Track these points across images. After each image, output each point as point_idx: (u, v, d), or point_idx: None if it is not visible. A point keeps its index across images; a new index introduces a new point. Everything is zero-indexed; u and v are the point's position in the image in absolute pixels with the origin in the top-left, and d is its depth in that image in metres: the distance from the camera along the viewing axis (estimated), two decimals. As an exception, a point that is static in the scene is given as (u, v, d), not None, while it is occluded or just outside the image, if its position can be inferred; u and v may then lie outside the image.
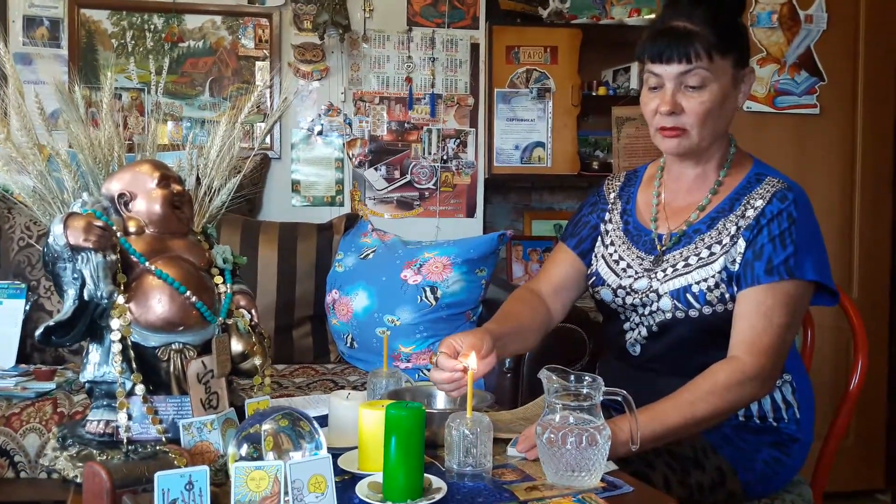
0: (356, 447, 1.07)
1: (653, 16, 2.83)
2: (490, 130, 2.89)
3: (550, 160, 2.92)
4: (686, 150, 1.30)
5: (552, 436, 0.99)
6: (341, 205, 2.81)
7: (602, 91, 2.97)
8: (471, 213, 2.90)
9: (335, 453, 1.03)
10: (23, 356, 2.14)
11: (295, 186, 2.79)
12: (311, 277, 2.39)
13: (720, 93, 1.25)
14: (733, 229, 1.27)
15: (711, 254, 1.28)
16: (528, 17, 2.92)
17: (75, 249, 0.99)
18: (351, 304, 2.25)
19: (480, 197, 2.91)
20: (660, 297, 1.29)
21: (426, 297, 2.17)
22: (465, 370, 1.14)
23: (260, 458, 0.89)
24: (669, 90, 1.26)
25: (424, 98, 2.84)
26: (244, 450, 0.91)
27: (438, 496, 0.94)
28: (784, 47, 2.62)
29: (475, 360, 1.13)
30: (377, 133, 2.83)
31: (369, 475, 1.00)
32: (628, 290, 1.34)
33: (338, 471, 1.01)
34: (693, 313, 1.27)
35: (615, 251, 1.40)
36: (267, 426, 0.90)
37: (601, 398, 1.02)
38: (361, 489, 0.96)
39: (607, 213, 1.46)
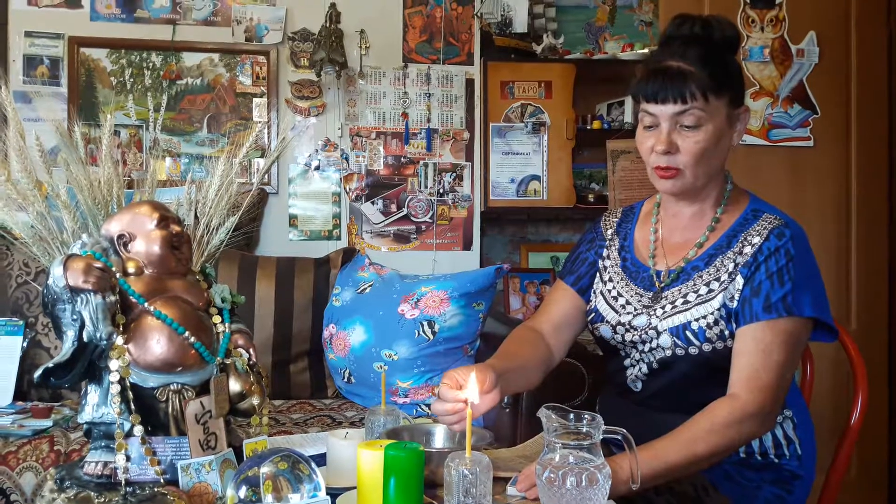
0: (355, 487, 1.06)
1: (646, 50, 2.87)
2: (486, 164, 2.92)
3: (546, 193, 2.94)
4: (681, 189, 1.31)
5: (552, 475, 0.98)
6: (338, 238, 2.82)
7: (597, 125, 3.00)
8: (467, 245, 2.91)
9: (334, 493, 1.02)
10: (20, 393, 2.12)
11: (292, 221, 2.80)
12: (309, 312, 2.38)
13: (715, 132, 1.26)
14: (731, 266, 1.28)
15: (710, 290, 1.28)
16: (522, 52, 2.96)
17: (75, 291, 0.99)
18: (348, 339, 2.24)
19: (477, 230, 2.92)
20: (659, 333, 1.29)
21: (424, 332, 2.17)
22: (466, 402, 1.13)
23: (259, 500, 0.88)
24: (665, 130, 1.26)
25: (420, 133, 2.87)
26: (243, 492, 0.91)
27: (438, 538, 0.93)
28: (777, 81, 2.66)
29: (475, 391, 1.11)
30: (374, 167, 2.85)
31: (368, 516, 0.99)
32: (627, 326, 1.34)
33: (336, 512, 1.00)
34: (693, 350, 1.27)
35: (613, 287, 1.40)
36: (266, 469, 0.89)
37: (601, 436, 1.02)
38: (360, 531, 0.95)
39: (605, 250, 1.47)
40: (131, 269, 1.09)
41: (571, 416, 1.02)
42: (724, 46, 1.29)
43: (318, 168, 2.81)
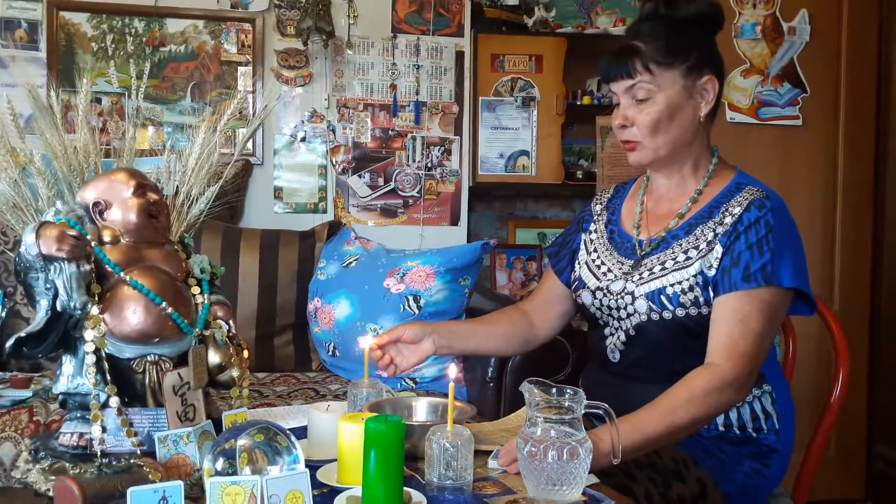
0: (335, 460, 1.06)
1: (637, 26, 2.84)
2: (475, 138, 2.89)
3: (535, 169, 2.92)
4: (645, 160, 1.35)
5: (533, 449, 0.98)
6: (324, 212, 2.80)
7: (587, 100, 2.97)
8: (455, 221, 2.89)
9: (314, 465, 1.01)
10: (-2, 363, 2.10)
11: (277, 193, 2.77)
12: (293, 285, 2.36)
13: (668, 103, 1.30)
14: (710, 235, 1.29)
15: (688, 258, 1.29)
16: (513, 25, 2.92)
17: (48, 259, 0.96)
18: (333, 313, 2.23)
19: (465, 205, 2.90)
20: (635, 299, 1.31)
21: (409, 306, 2.16)
22: (374, 348, 1.35)
23: (235, 473, 0.87)
24: (623, 105, 1.33)
25: (409, 105, 2.83)
26: (220, 464, 0.90)
27: (418, 511, 0.93)
28: (767, 59, 2.64)
29: (369, 340, 1.33)
30: (361, 140, 2.82)
31: (348, 489, 0.98)
32: (605, 291, 1.36)
33: (316, 483, 0.99)
34: (667, 315, 1.28)
35: (598, 257, 1.43)
36: (242, 441, 0.88)
37: (583, 411, 1.01)
38: (340, 503, 0.94)
39: (592, 224, 1.50)
40: (107, 237, 1.06)
41: (554, 390, 1.02)
42: (689, 22, 1.31)
43: (304, 139, 2.78)
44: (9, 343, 0.98)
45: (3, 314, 2.15)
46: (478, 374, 2.05)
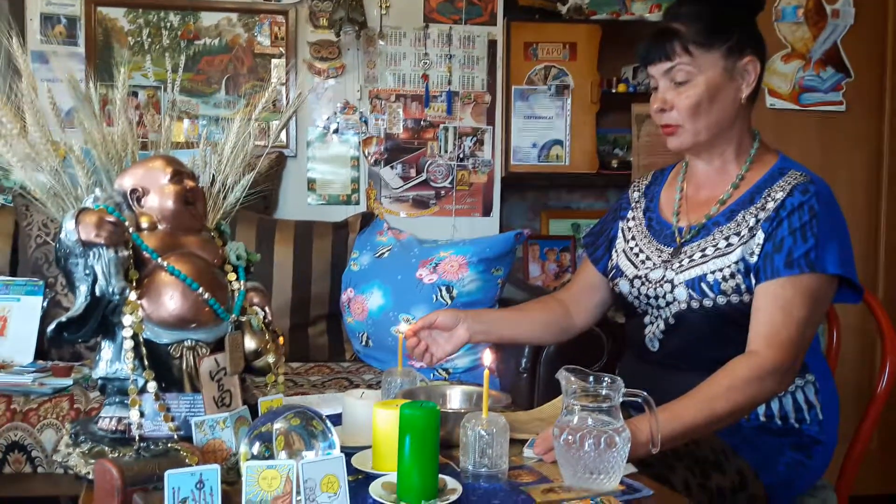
0: (370, 447, 1.06)
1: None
2: (507, 128, 2.87)
3: (569, 158, 2.89)
4: (685, 146, 1.32)
5: (570, 438, 0.97)
6: (357, 203, 2.80)
7: (622, 88, 2.93)
8: (487, 211, 2.88)
9: (349, 452, 1.01)
10: (41, 352, 2.14)
11: (311, 185, 2.78)
12: (327, 276, 2.38)
13: (708, 86, 1.27)
14: (752, 221, 1.26)
15: (729, 245, 1.26)
16: (546, 12, 2.89)
17: (87, 245, 0.98)
18: (366, 303, 2.23)
19: (497, 195, 2.88)
20: (674, 287, 1.28)
21: (442, 296, 2.15)
22: (410, 334, 1.35)
23: (272, 456, 0.88)
24: (661, 88, 1.30)
25: (441, 95, 2.82)
26: (256, 448, 0.90)
27: (453, 497, 0.92)
28: (810, 43, 2.57)
29: (404, 327, 1.37)
30: (393, 131, 2.81)
31: (383, 475, 0.98)
32: (644, 279, 1.34)
33: (351, 470, 0.99)
34: (707, 303, 1.26)
35: (636, 245, 1.41)
36: (279, 425, 0.88)
37: (621, 399, 1.00)
38: (375, 489, 0.94)
39: (630, 212, 1.47)
40: (145, 224, 1.08)
41: (591, 378, 1.00)
42: (729, 3, 1.29)
43: (336, 131, 2.78)
44: (50, 328, 1.00)
45: (45, 304, 2.19)
46: (511, 364, 2.04)
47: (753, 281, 1.23)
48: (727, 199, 1.32)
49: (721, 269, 1.25)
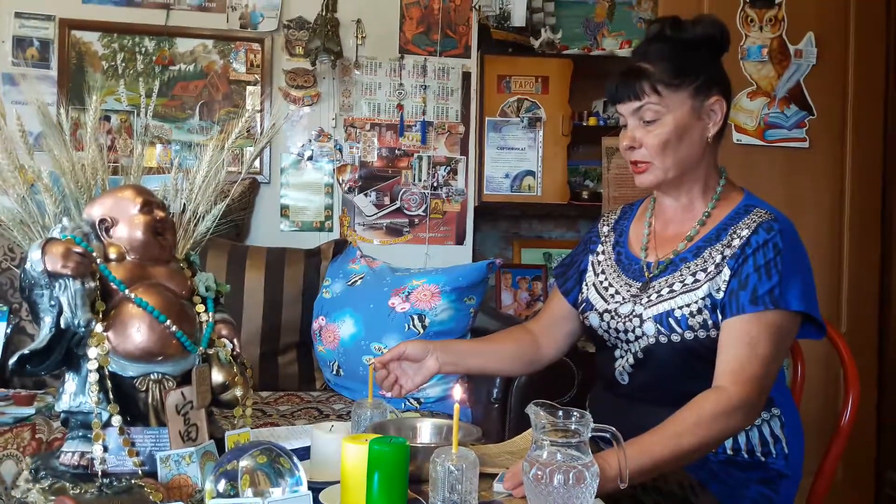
0: (339, 482, 1.04)
1: (643, 47, 2.85)
2: (480, 158, 2.90)
3: (540, 189, 2.92)
4: (654, 183, 1.35)
5: (539, 473, 0.97)
6: (330, 230, 2.80)
7: (592, 121, 2.98)
8: (460, 240, 2.89)
9: (317, 487, 1.00)
10: (2, 380, 2.09)
11: (284, 211, 2.77)
12: (298, 303, 2.36)
13: (676, 124, 1.30)
14: (718, 258, 1.28)
15: (696, 281, 1.28)
16: (519, 46, 2.94)
17: (53, 276, 0.96)
18: (338, 332, 2.22)
19: (470, 224, 2.90)
20: (643, 321, 1.30)
21: (414, 325, 2.15)
22: (375, 367, 1.35)
23: (237, 495, 0.86)
24: (630, 126, 1.33)
25: (415, 125, 2.84)
26: (221, 486, 0.89)
27: (422, 535, 0.91)
28: (774, 81, 2.65)
29: (384, 357, 1.37)
30: (367, 159, 2.83)
31: (351, 512, 0.97)
32: (613, 314, 1.35)
33: (319, 506, 0.98)
34: (675, 338, 1.27)
35: (605, 279, 1.42)
36: (244, 463, 0.87)
37: (590, 434, 1.00)
38: (342, 527, 0.93)
39: (600, 245, 1.49)
40: (113, 254, 1.06)
41: (560, 413, 1.01)
42: (696, 44, 1.32)
43: (311, 158, 2.79)
44: (12, 360, 0.97)
45: (8, 331, 2.15)
46: (482, 395, 2.04)
47: (720, 316, 1.25)
48: (694, 235, 1.35)
49: (688, 305, 1.27)
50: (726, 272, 1.26)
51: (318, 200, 2.79)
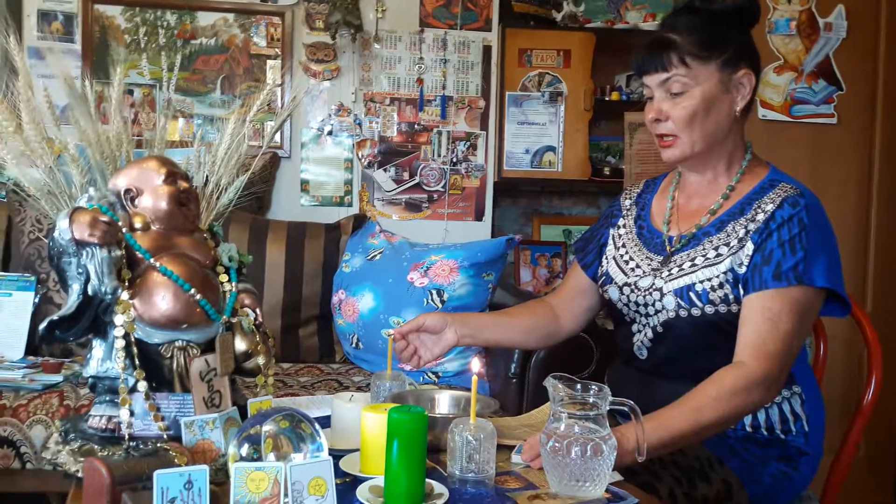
0: (358, 450, 1.06)
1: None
2: (501, 133, 2.88)
3: (561, 165, 2.90)
4: (680, 157, 1.33)
5: (557, 445, 0.98)
6: (350, 205, 2.81)
7: (615, 96, 2.95)
8: (479, 216, 2.89)
9: (337, 455, 1.02)
10: (31, 348, 2.14)
11: (304, 186, 2.79)
12: (318, 277, 2.38)
13: (704, 97, 1.28)
14: (742, 232, 1.27)
15: (718, 255, 1.27)
16: (541, 20, 2.91)
17: (80, 244, 0.98)
18: (357, 305, 2.24)
19: (490, 200, 2.90)
20: (663, 295, 1.29)
21: (432, 300, 2.16)
22: (398, 336, 1.38)
23: (260, 458, 0.88)
24: (657, 99, 1.31)
25: (435, 100, 2.83)
26: (244, 450, 0.90)
27: (440, 502, 0.93)
28: (802, 55, 2.60)
29: (403, 328, 1.39)
30: (387, 134, 2.82)
31: (371, 478, 0.99)
32: (633, 287, 1.35)
33: (339, 473, 1.00)
34: (696, 312, 1.26)
35: (626, 252, 1.42)
36: (267, 427, 0.89)
37: (608, 407, 1.00)
38: (362, 493, 0.95)
39: (621, 219, 1.48)
40: (138, 224, 1.08)
41: (578, 385, 1.01)
42: (725, 15, 1.29)
43: (330, 133, 2.79)
44: (42, 325, 1.00)
45: (37, 300, 2.19)
46: (501, 369, 2.05)
47: (742, 291, 1.24)
48: (717, 209, 1.33)
49: (710, 279, 1.26)
50: (749, 247, 1.25)
51: (338, 175, 2.80)
